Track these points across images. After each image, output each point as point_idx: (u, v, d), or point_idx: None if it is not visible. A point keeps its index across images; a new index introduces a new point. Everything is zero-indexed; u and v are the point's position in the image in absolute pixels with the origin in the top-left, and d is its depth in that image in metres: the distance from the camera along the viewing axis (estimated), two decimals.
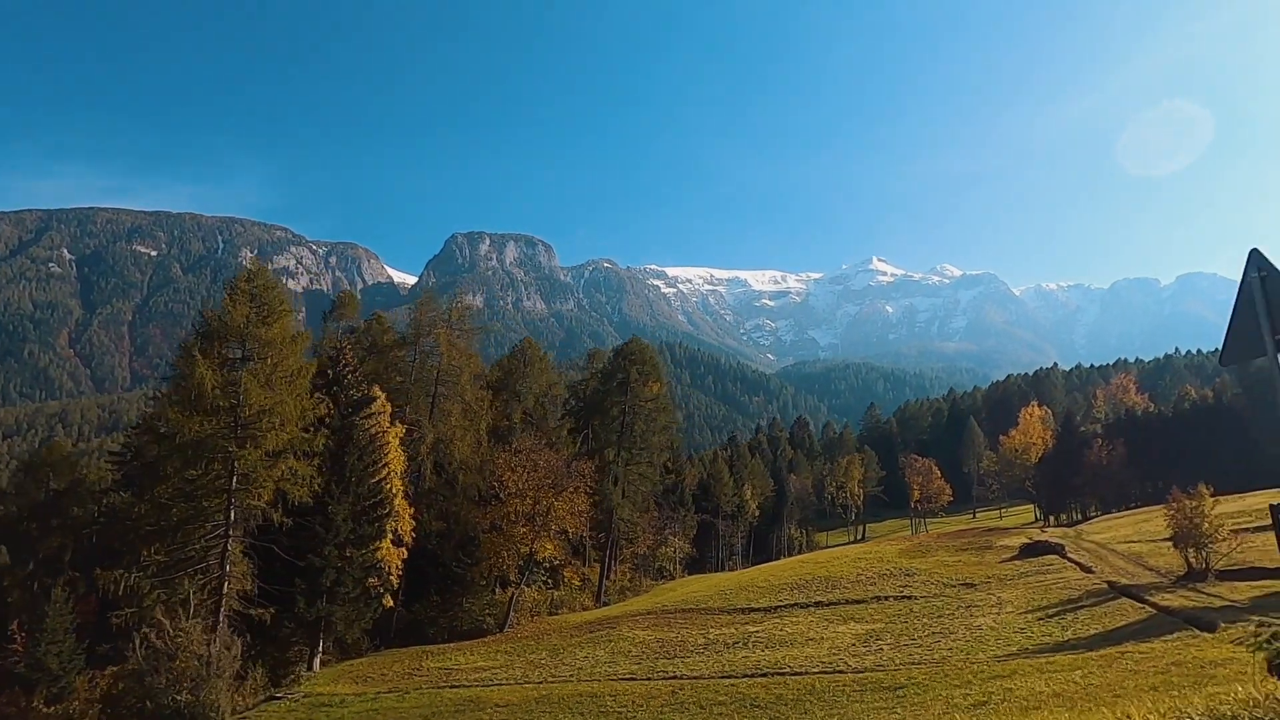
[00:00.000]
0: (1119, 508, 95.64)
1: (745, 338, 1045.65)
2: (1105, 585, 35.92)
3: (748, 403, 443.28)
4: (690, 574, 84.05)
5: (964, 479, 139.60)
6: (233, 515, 29.45)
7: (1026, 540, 51.56)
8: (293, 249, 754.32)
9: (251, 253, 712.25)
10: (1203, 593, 32.73)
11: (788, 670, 27.40)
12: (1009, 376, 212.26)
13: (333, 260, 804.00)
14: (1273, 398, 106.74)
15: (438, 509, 52.59)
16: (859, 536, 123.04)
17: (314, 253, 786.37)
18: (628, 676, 29.86)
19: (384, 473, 42.34)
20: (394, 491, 42.98)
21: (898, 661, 26.87)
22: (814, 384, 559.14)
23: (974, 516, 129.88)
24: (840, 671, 26.60)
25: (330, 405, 40.51)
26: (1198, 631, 24.88)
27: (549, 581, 59.28)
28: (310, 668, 39.09)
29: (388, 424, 44.75)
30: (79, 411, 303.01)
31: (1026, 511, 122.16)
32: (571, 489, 52.22)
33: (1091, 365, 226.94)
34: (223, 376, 28.49)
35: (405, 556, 44.56)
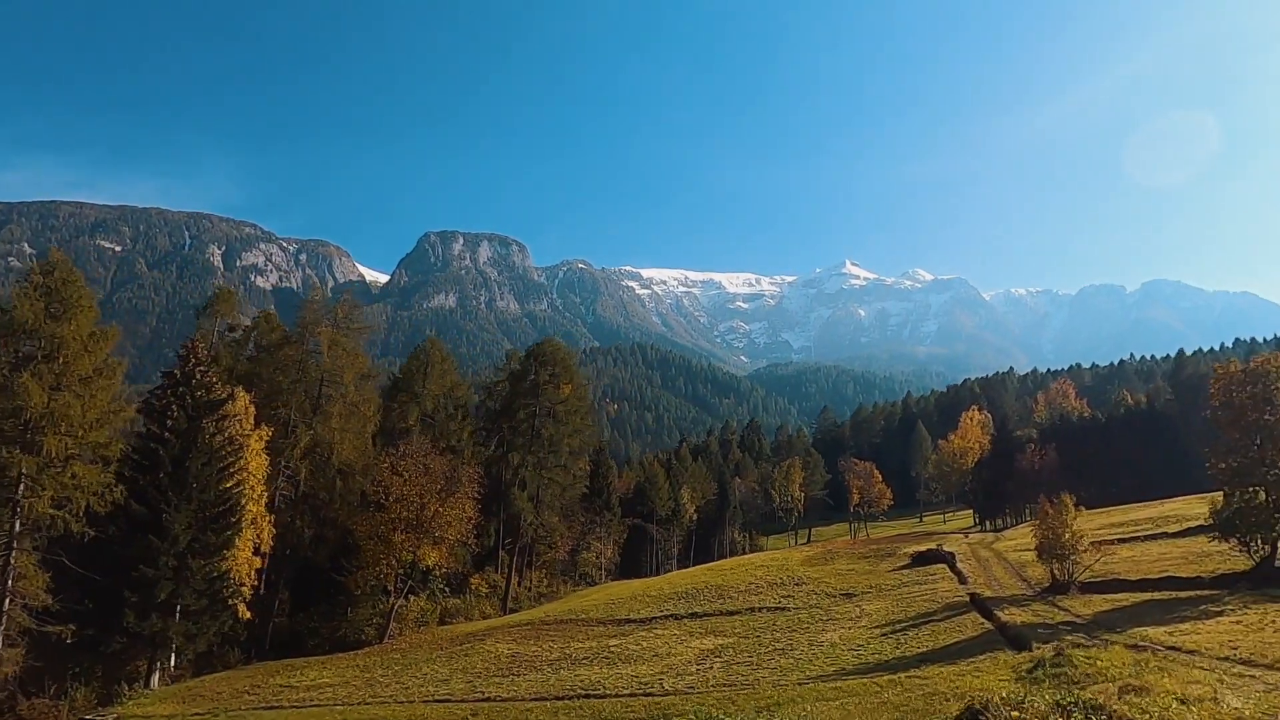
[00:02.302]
0: None
1: (719, 340, 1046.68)
2: (967, 598, 34.89)
3: (718, 405, 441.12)
4: (618, 579, 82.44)
5: (913, 483, 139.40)
6: (18, 525, 27.38)
7: (920, 549, 50.67)
8: (262, 246, 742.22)
9: (220, 249, 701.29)
10: (1056, 606, 31.76)
11: (598, 693, 25.93)
12: (964, 381, 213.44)
13: (303, 258, 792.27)
14: (1203, 403, 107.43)
15: (315, 515, 50.52)
16: (806, 539, 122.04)
17: (284, 250, 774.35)
18: (444, 698, 28.23)
19: (238, 478, 40.33)
20: (249, 498, 40.93)
21: (712, 683, 25.54)
22: (785, 386, 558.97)
23: (920, 520, 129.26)
24: (649, 694, 25.19)
25: (177, 407, 38.59)
26: (1010, 651, 23.80)
27: (446, 589, 57.35)
28: (148, 685, 36.98)
29: (250, 427, 42.71)
30: None
31: (970, 516, 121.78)
32: (461, 494, 50.35)
33: (1047, 370, 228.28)
34: (3, 376, 26.44)
35: (260, 566, 42.46)
